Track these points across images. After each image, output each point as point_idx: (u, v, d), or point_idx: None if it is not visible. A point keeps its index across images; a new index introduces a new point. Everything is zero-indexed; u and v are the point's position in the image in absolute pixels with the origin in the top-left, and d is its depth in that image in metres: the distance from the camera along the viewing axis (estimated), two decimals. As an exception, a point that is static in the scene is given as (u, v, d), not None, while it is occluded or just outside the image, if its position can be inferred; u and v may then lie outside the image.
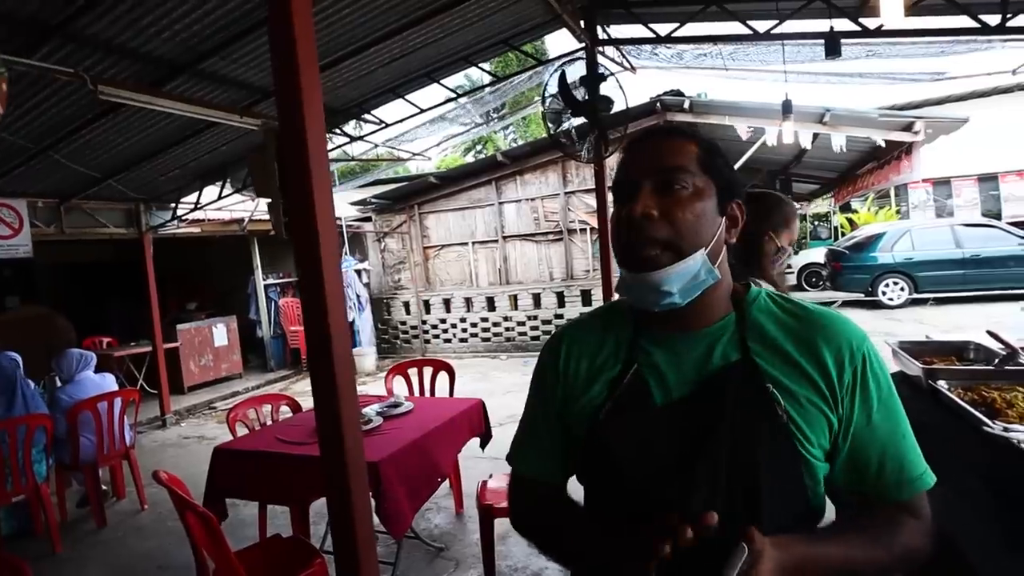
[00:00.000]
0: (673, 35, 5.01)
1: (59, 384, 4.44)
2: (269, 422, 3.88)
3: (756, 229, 1.80)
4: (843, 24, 4.52)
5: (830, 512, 0.95)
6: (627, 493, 0.90)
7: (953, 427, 1.68)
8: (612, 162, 6.91)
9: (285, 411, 4.06)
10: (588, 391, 0.98)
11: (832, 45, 4.37)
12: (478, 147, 24.04)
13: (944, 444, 1.43)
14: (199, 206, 7.26)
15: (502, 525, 3.43)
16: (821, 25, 4.62)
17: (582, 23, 5.03)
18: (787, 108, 5.99)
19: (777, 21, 4.73)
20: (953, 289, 10.50)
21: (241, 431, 3.64)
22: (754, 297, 0.97)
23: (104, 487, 4.68)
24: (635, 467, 0.89)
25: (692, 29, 5.07)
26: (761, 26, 4.76)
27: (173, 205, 7.36)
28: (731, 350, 0.91)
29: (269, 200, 1.78)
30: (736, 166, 7.73)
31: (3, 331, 7.96)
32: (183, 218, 7.47)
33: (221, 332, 9.24)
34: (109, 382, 4.53)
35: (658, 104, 8.08)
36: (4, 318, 8.60)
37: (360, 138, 7.21)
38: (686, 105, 7.93)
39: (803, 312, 0.94)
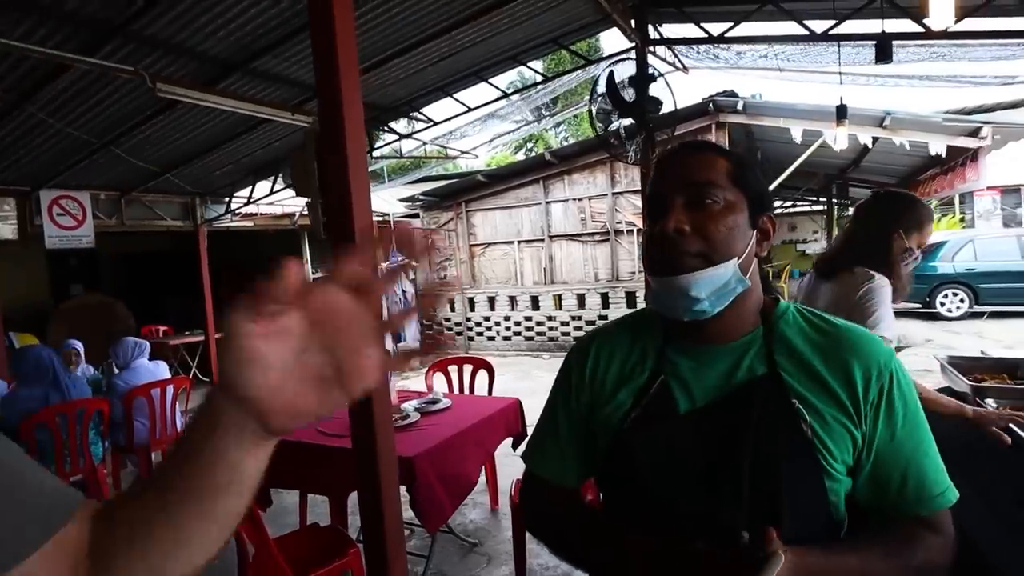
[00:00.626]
0: (726, 35, 4.88)
1: (116, 370, 4.64)
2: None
3: (887, 227, 1.86)
4: (904, 25, 4.32)
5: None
6: (649, 501, 0.91)
7: (996, 448, 1.61)
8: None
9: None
10: (614, 398, 0.99)
11: (883, 48, 4.18)
12: (528, 145, 23.98)
13: (987, 464, 1.38)
14: (251, 200, 7.49)
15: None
16: (882, 26, 4.44)
17: (633, 22, 4.95)
18: (842, 113, 5.75)
19: (835, 21, 4.56)
20: (1017, 302, 9.95)
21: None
22: (783, 311, 0.97)
23: (155, 470, 4.87)
24: (659, 475, 0.90)
25: (746, 29, 4.93)
26: (818, 26, 4.59)
27: (227, 199, 7.61)
28: (758, 364, 0.92)
29: (308, 200, 1.81)
30: (790, 169, 7.59)
31: (67, 317, 8.40)
32: (236, 212, 7.71)
33: (270, 323, 9.49)
34: (162, 370, 4.71)
35: (710, 105, 7.90)
36: (68, 305, 9.05)
37: (409, 135, 7.30)
38: (739, 106, 7.72)
39: (832, 328, 0.94)
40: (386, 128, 6.80)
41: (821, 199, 15.57)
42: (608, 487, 1.02)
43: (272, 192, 7.30)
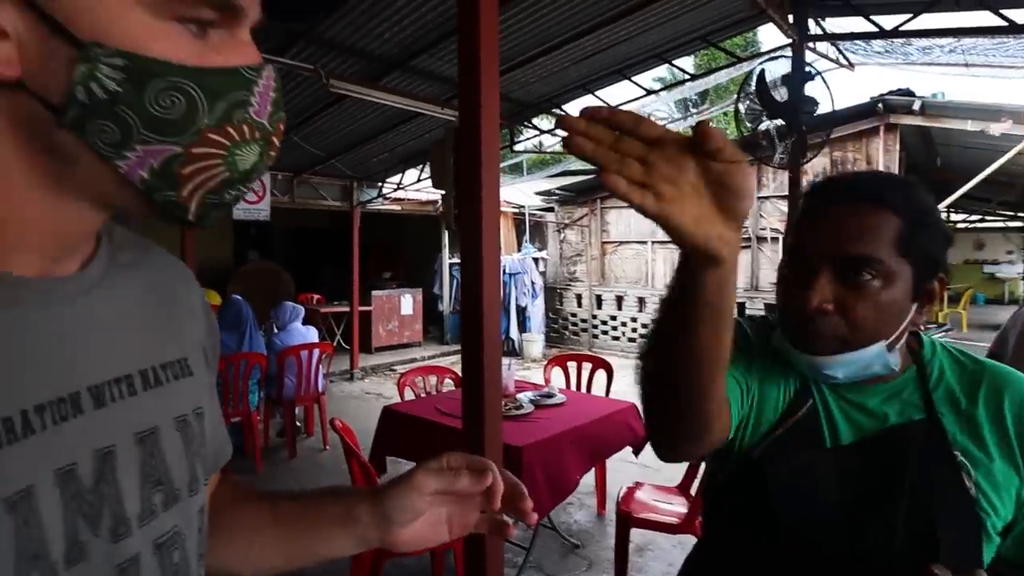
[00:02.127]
0: (901, 28, 4.42)
1: (275, 330, 5.23)
2: (434, 392, 4.22)
3: None
4: None
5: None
6: (782, 533, 0.84)
7: None
8: (815, 166, 6.29)
9: (449, 384, 4.39)
10: (761, 405, 0.88)
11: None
12: (675, 143, 23.20)
13: None
14: (401, 186, 8.03)
15: (642, 536, 3.40)
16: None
17: (791, 17, 4.66)
18: None
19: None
20: None
21: (409, 396, 4.01)
22: (931, 353, 0.89)
23: (298, 424, 5.44)
24: (794, 507, 0.84)
25: (926, 21, 4.43)
26: (1019, 15, 4.02)
27: (380, 184, 8.22)
28: (913, 408, 0.84)
29: (443, 192, 1.95)
30: (978, 178, 6.67)
31: (243, 279, 9.54)
32: (387, 196, 8.31)
33: (408, 302, 10.13)
34: (312, 334, 5.24)
35: (879, 105, 7.18)
36: (245, 268, 10.29)
37: (550, 131, 7.43)
38: (916, 106, 6.92)
39: (980, 367, 0.86)
40: (528, 124, 6.97)
41: (1020, 214, 13.51)
42: (729, 512, 0.94)
43: (419, 180, 7.77)
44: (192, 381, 0.56)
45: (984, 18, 4.19)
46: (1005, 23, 4.03)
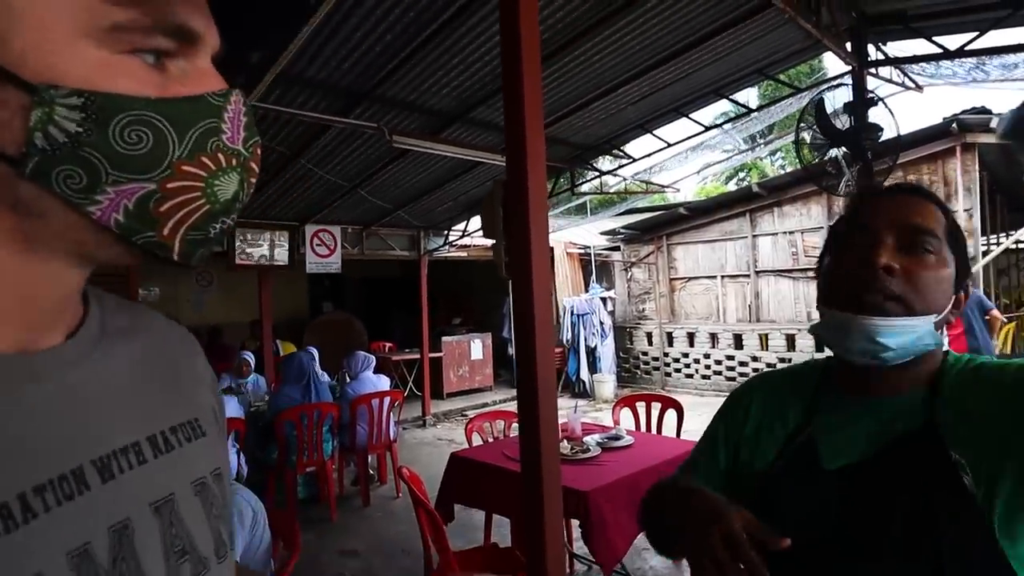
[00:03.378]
0: (967, 48, 4.27)
1: (348, 380, 5.42)
2: (501, 437, 4.23)
3: None
4: None
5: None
6: (787, 560, 0.84)
7: None
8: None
9: (517, 428, 4.39)
10: (761, 450, 0.97)
11: None
12: (741, 175, 22.79)
13: None
14: (466, 233, 8.25)
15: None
16: None
17: (849, 45, 4.58)
18: None
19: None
20: None
21: (477, 441, 4.04)
22: (952, 364, 0.88)
23: (371, 472, 5.55)
24: (798, 533, 0.84)
25: (994, 38, 4.25)
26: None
27: (446, 232, 8.47)
28: (913, 419, 0.85)
29: (494, 240, 2.02)
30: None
31: (317, 330, 9.96)
32: (453, 243, 8.54)
33: (478, 347, 10.26)
34: (384, 383, 5.39)
35: (954, 125, 6.89)
36: (319, 320, 10.74)
37: (611, 172, 7.49)
38: (993, 123, 6.60)
39: (1002, 371, 0.83)
40: (589, 165, 7.06)
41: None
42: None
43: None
44: (206, 442, 0.54)
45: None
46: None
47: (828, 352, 0.96)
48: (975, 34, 4.26)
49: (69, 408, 0.43)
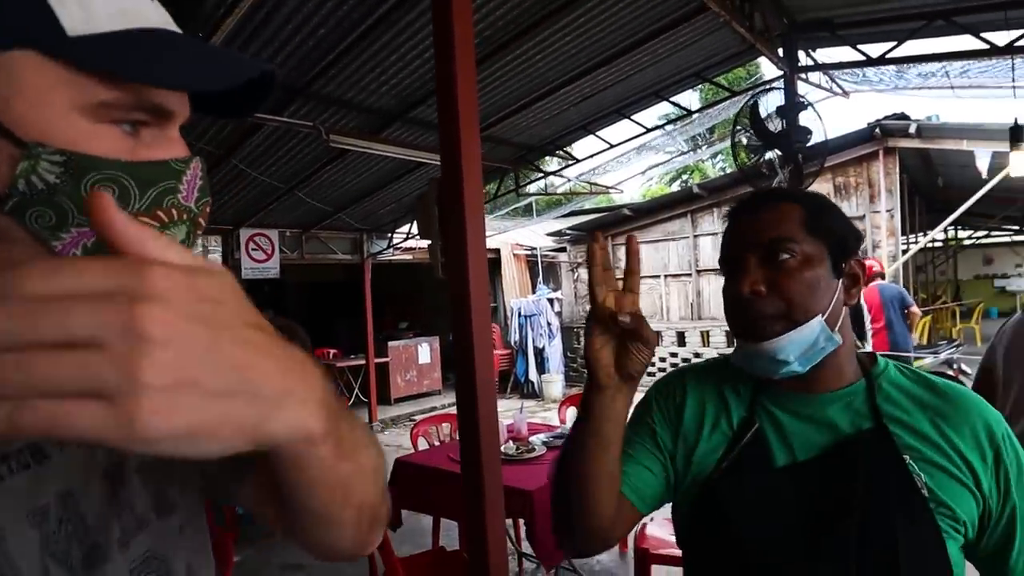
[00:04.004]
0: (887, 56, 4.50)
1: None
2: (448, 441, 4.17)
3: None
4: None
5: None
6: (742, 556, 0.87)
7: None
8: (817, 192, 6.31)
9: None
10: (701, 445, 0.95)
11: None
12: (684, 177, 23.34)
13: None
14: (410, 235, 8.13)
15: (659, 572, 3.31)
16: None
17: (780, 51, 4.74)
18: (1017, 135, 4.87)
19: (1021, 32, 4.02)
20: None
21: (424, 446, 3.98)
22: (882, 368, 0.92)
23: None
24: (752, 530, 0.86)
25: (912, 47, 4.50)
26: (999, 39, 4.08)
27: (389, 235, 8.33)
28: (862, 418, 0.87)
29: (430, 241, 1.98)
30: (977, 196, 6.67)
31: (258, 337, 9.64)
32: (397, 246, 8.41)
33: (425, 351, 10.14)
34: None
35: (877, 130, 7.24)
36: (260, 326, 10.39)
37: (555, 172, 7.53)
38: (912, 129, 6.98)
39: (933, 387, 0.89)
40: (533, 166, 7.08)
41: (1025, 228, 13.40)
42: (695, 540, 0.97)
43: (428, 228, 7.86)
44: None
45: (968, 42, 4.25)
46: (987, 46, 4.08)
47: None
48: (894, 43, 4.49)
49: None
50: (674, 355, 9.76)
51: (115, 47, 0.44)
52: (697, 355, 9.47)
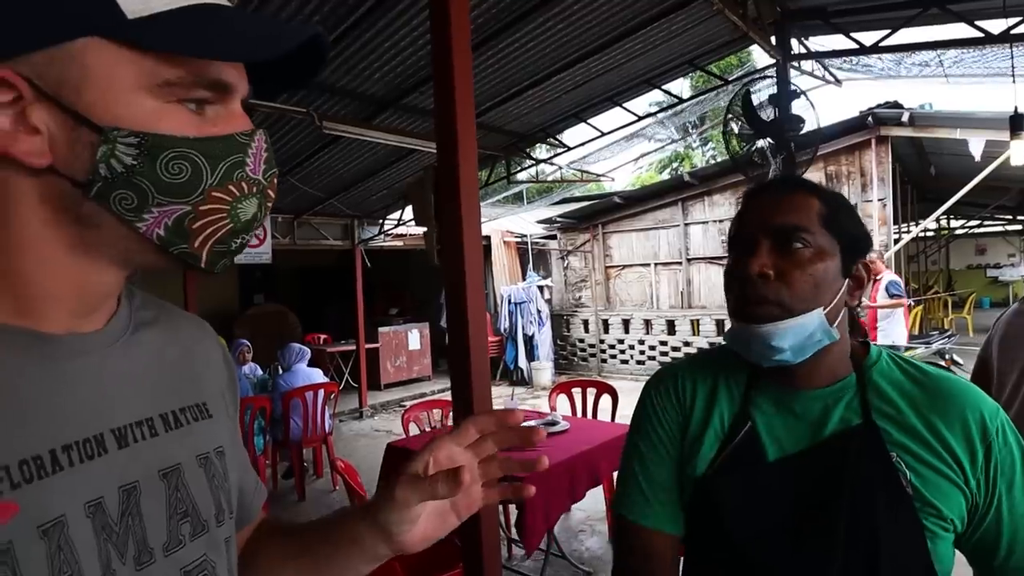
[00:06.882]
0: (881, 44, 4.50)
1: (280, 372, 5.26)
2: (439, 426, 4.20)
3: None
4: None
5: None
6: (733, 549, 0.87)
7: None
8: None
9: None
10: (698, 441, 0.95)
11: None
12: (675, 164, 23.35)
13: None
14: (402, 222, 8.11)
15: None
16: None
17: (773, 39, 4.75)
18: (1018, 123, 4.91)
19: (1020, 19, 4.04)
20: None
21: (415, 431, 4.00)
22: (875, 359, 0.91)
23: (306, 465, 5.42)
24: (742, 523, 0.87)
25: (906, 35, 4.51)
26: (993, 27, 4.09)
27: (381, 221, 8.31)
28: (852, 414, 0.87)
29: (425, 228, 1.98)
30: (970, 185, 6.73)
31: (249, 322, 9.61)
32: (388, 232, 8.39)
33: (415, 337, 10.15)
34: (317, 375, 5.25)
35: (869, 118, 7.27)
36: (252, 311, 10.36)
37: (547, 160, 7.52)
38: (905, 118, 7.00)
39: (926, 378, 0.88)
40: (525, 154, 7.07)
41: (1019, 217, 13.52)
42: (691, 533, 0.97)
43: (420, 215, 7.84)
44: (211, 423, 0.62)
45: (962, 30, 4.27)
46: (981, 34, 4.10)
47: None
48: (888, 31, 4.50)
49: (99, 383, 0.52)
50: (664, 343, 9.82)
51: (172, 25, 0.46)
52: (687, 343, 9.54)
